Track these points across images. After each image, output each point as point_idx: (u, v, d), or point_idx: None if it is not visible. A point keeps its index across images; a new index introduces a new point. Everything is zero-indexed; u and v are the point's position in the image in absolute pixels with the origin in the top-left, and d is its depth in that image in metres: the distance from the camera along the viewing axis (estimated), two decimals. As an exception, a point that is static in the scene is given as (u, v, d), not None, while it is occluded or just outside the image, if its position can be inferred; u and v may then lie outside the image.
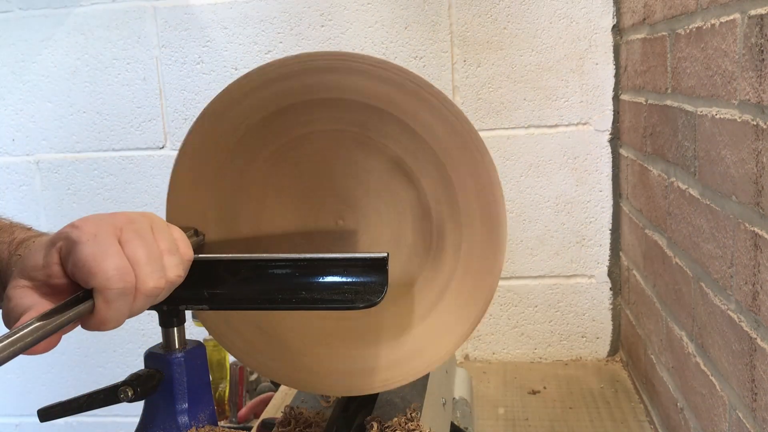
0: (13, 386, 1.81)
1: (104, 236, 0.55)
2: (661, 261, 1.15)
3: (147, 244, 0.57)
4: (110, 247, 0.55)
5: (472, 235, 0.74)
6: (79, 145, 1.70)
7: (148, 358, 0.72)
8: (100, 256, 0.54)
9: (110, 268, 0.54)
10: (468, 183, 0.73)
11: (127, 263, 0.55)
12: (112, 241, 0.55)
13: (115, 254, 0.55)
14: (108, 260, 0.54)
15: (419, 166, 0.73)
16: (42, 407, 0.74)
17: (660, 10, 1.12)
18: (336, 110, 0.72)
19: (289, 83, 0.72)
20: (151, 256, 0.57)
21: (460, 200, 0.73)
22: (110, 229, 0.56)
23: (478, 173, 0.72)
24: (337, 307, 0.66)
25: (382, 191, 0.75)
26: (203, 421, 0.72)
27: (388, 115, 0.72)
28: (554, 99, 1.52)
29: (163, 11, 1.62)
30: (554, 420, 1.32)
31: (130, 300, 0.56)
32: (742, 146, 0.77)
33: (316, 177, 0.75)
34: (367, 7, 1.55)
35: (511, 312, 1.61)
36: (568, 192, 1.55)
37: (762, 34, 0.71)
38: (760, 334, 0.73)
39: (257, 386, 1.36)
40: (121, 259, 0.55)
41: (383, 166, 0.74)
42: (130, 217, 0.59)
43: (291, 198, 0.76)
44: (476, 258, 0.74)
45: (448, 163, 0.73)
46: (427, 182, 0.74)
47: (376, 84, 0.71)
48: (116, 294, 0.54)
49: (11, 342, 0.49)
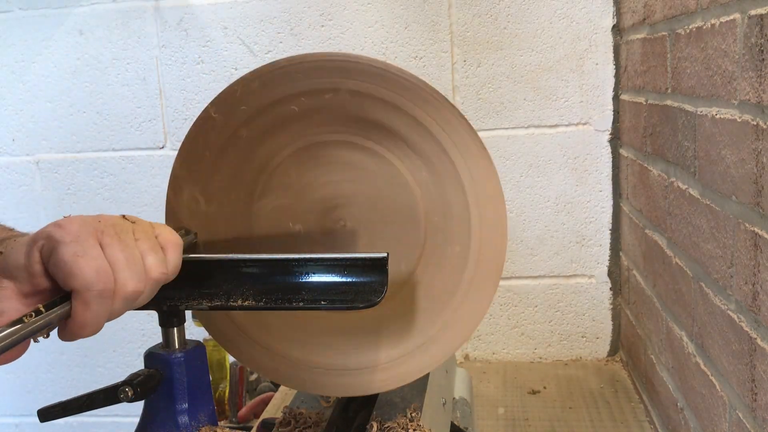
0: (13, 386, 1.81)
1: (86, 237, 0.55)
2: (661, 261, 1.15)
3: (127, 247, 0.57)
4: (91, 249, 0.55)
5: (473, 235, 0.74)
6: (79, 145, 1.70)
7: (148, 358, 0.72)
8: (81, 258, 0.54)
9: (90, 270, 0.54)
10: (468, 183, 0.73)
11: (107, 265, 0.55)
12: (94, 243, 0.55)
13: (97, 256, 0.55)
14: (89, 262, 0.54)
15: (419, 166, 0.73)
16: (42, 407, 0.74)
17: (660, 10, 1.12)
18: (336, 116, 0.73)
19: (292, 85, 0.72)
20: (131, 259, 0.57)
21: (460, 200, 0.73)
22: (92, 231, 0.56)
23: (479, 173, 0.73)
24: (338, 307, 0.66)
25: (382, 191, 0.75)
26: (203, 421, 0.72)
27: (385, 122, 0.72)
28: (554, 99, 1.52)
29: (163, 11, 1.62)
30: (554, 420, 1.32)
31: (108, 303, 0.55)
32: (742, 146, 0.77)
33: (316, 178, 0.75)
34: (367, 7, 1.55)
35: (511, 312, 1.61)
36: (568, 192, 1.55)
37: (762, 34, 0.71)
38: (760, 334, 0.73)
39: (257, 386, 1.36)
40: (102, 261, 0.55)
41: (383, 168, 0.74)
42: (112, 221, 0.59)
43: (291, 198, 0.76)
44: (476, 258, 0.74)
45: (448, 163, 0.73)
46: (427, 183, 0.74)
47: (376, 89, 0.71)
48: (95, 296, 0.54)
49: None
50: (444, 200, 0.74)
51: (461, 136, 0.72)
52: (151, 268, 0.58)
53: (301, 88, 0.72)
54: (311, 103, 0.72)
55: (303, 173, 0.75)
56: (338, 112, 0.72)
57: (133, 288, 0.56)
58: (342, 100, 0.72)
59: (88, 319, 0.55)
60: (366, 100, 0.71)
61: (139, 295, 0.58)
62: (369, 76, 0.70)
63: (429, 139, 0.72)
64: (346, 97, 0.72)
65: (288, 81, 0.71)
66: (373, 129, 0.73)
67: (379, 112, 0.72)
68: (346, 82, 0.71)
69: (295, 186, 0.76)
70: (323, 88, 0.71)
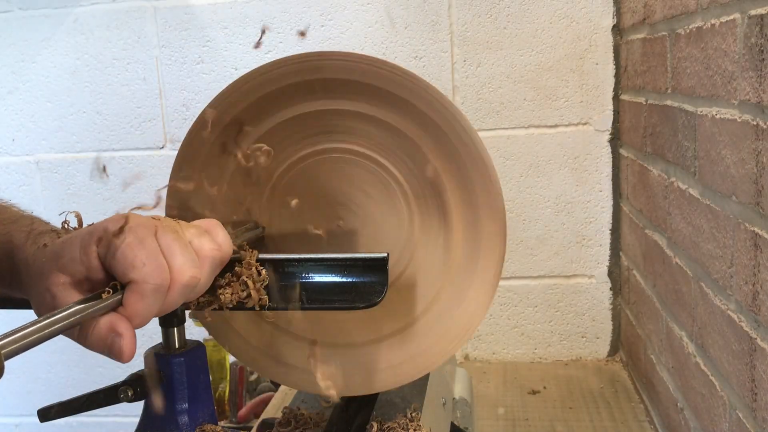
0: (13, 386, 1.81)
1: (142, 230, 0.56)
2: (661, 261, 1.15)
3: (180, 237, 0.58)
4: (149, 241, 0.55)
5: (473, 235, 0.74)
6: (79, 145, 1.70)
7: (148, 358, 0.72)
8: (139, 250, 0.54)
9: (149, 262, 0.54)
10: (467, 183, 0.73)
11: (164, 260, 0.55)
12: (149, 233, 0.56)
13: (154, 249, 0.55)
14: (147, 254, 0.54)
15: (419, 166, 0.74)
16: (42, 407, 0.74)
17: (660, 10, 1.12)
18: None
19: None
20: (185, 248, 0.57)
21: (458, 201, 0.73)
22: (148, 223, 0.57)
23: (477, 173, 0.72)
24: (338, 307, 0.66)
25: (382, 192, 0.75)
26: (203, 421, 0.72)
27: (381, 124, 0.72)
28: (554, 99, 1.52)
29: (163, 11, 1.62)
30: (554, 420, 1.32)
31: (162, 296, 0.56)
32: (742, 146, 0.77)
33: (316, 178, 0.75)
34: (367, 7, 1.55)
35: (511, 312, 1.61)
36: (568, 192, 1.55)
37: (762, 34, 0.71)
38: (760, 334, 0.73)
39: (257, 386, 1.36)
40: (159, 254, 0.55)
41: (381, 169, 0.74)
42: (157, 217, 0.60)
43: (291, 198, 0.76)
44: (477, 258, 0.74)
45: (447, 162, 0.73)
46: (425, 184, 0.74)
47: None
48: (151, 289, 0.54)
49: (46, 324, 0.49)
50: (443, 203, 0.74)
51: (460, 135, 0.72)
52: (201, 248, 0.59)
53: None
54: None
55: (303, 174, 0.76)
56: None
57: (191, 274, 0.57)
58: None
59: (139, 311, 0.55)
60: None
61: (197, 281, 0.58)
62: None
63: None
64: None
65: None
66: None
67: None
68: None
69: (295, 186, 0.76)
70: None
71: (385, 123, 0.73)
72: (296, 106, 0.73)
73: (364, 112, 0.73)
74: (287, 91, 0.73)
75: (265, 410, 1.14)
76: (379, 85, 0.71)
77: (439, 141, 0.72)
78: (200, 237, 0.59)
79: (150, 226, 0.56)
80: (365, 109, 0.72)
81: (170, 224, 0.59)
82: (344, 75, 0.71)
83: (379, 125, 0.73)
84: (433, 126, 0.72)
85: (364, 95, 0.72)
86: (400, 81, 0.71)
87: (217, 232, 0.62)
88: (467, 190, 0.73)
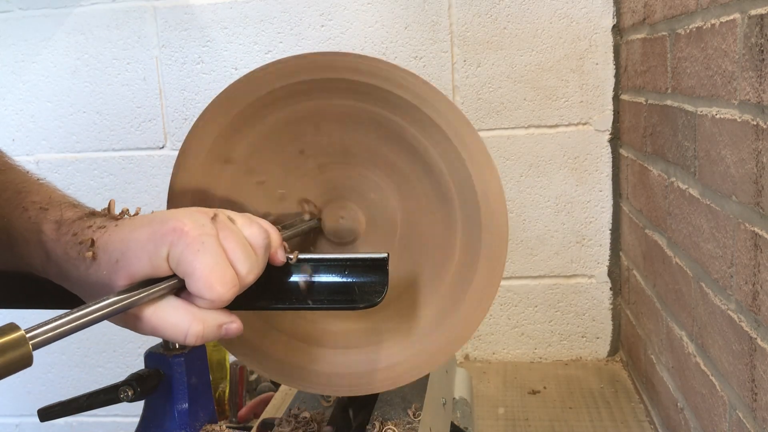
0: (13, 386, 1.81)
1: (211, 243, 0.55)
2: (661, 261, 1.15)
3: (239, 237, 0.57)
4: (219, 254, 0.55)
5: (474, 235, 0.74)
6: (79, 145, 1.70)
7: (148, 358, 0.72)
8: (214, 273, 0.54)
9: (222, 285, 0.54)
10: (467, 183, 0.73)
11: (232, 270, 0.55)
12: (217, 246, 0.55)
13: (224, 264, 0.55)
14: (221, 275, 0.54)
15: (418, 167, 0.74)
16: (42, 407, 0.74)
17: (660, 10, 1.12)
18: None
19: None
20: (246, 249, 0.57)
21: (458, 201, 0.73)
22: (210, 230, 0.55)
23: (477, 173, 0.73)
24: (338, 307, 0.66)
25: (381, 192, 0.75)
26: (203, 421, 0.72)
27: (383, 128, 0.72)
28: (554, 99, 1.52)
29: (163, 11, 1.62)
30: (554, 420, 1.32)
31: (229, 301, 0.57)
32: (742, 146, 0.77)
33: (316, 178, 0.75)
34: (367, 7, 1.55)
35: (511, 312, 1.61)
36: (568, 192, 1.55)
37: (762, 34, 0.71)
38: (760, 334, 0.73)
39: (257, 386, 1.36)
40: (228, 267, 0.55)
41: (380, 171, 0.74)
42: (213, 211, 0.58)
43: (291, 198, 0.76)
44: (478, 258, 0.74)
45: (447, 163, 0.73)
46: (425, 184, 0.74)
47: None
48: (224, 302, 0.55)
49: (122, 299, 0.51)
50: (443, 203, 0.74)
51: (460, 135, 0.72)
52: (254, 240, 0.58)
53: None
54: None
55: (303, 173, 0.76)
56: None
57: (254, 275, 0.57)
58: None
59: (209, 320, 0.56)
60: None
61: (256, 278, 0.58)
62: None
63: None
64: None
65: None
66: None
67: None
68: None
69: (295, 187, 0.76)
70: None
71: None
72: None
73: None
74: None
75: (265, 410, 1.14)
76: None
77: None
78: (250, 227, 0.59)
79: (213, 234, 0.55)
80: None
81: (227, 222, 0.58)
82: None
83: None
84: (434, 127, 0.72)
85: None
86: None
87: (257, 217, 0.61)
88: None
